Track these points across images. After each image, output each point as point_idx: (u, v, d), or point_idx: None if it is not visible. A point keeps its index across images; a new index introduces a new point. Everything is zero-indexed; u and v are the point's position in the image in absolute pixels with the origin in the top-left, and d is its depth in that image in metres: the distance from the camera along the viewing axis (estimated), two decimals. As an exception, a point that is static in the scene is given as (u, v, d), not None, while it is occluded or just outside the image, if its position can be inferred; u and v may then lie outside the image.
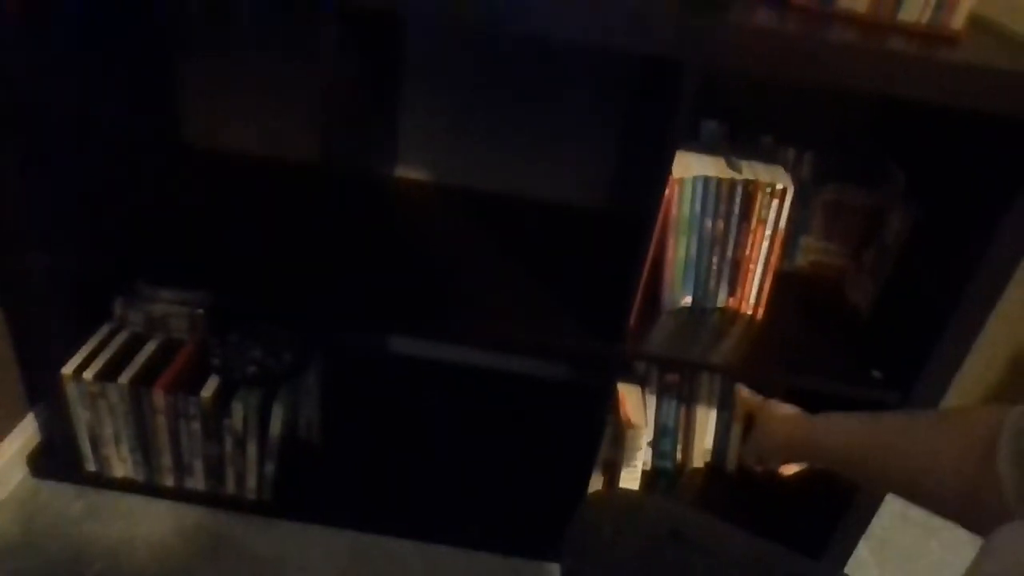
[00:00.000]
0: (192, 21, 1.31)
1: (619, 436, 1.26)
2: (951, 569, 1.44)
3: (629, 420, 1.25)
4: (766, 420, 0.86)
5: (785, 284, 1.24)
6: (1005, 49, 0.96)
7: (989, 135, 0.97)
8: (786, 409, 0.85)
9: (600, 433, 1.20)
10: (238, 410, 1.20)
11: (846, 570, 1.26)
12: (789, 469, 0.87)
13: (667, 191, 0.98)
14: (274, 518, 1.30)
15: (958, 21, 0.90)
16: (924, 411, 0.68)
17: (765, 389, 1.39)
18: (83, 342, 1.24)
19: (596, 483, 1.31)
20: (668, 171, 0.94)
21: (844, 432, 0.73)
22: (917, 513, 0.79)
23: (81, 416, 1.23)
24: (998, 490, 0.51)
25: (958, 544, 1.48)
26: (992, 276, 0.95)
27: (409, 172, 1.45)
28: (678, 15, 0.84)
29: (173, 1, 1.29)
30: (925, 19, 0.91)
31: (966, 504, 0.55)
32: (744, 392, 0.93)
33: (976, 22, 1.00)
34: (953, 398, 1.06)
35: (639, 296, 1.05)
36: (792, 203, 1.11)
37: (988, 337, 1.00)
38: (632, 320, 1.08)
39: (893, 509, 1.48)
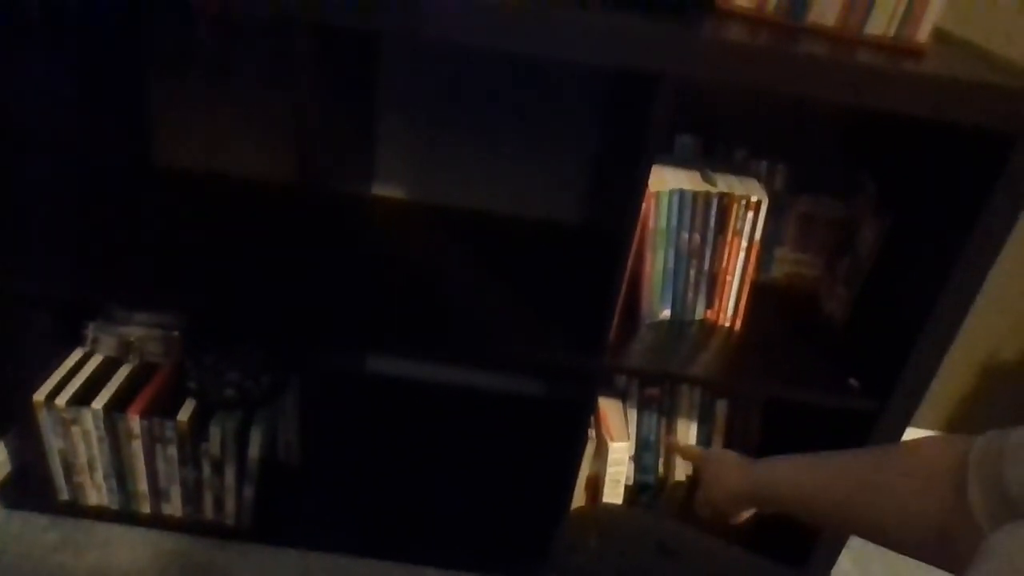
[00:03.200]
0: (165, 42, 1.31)
1: (601, 451, 1.26)
2: (932, 576, 1.45)
3: (610, 434, 1.25)
4: (709, 470, 0.82)
5: (761, 295, 1.25)
6: (967, 61, 0.99)
7: (957, 145, 0.99)
8: (728, 456, 0.81)
9: (581, 448, 1.20)
10: (216, 434, 1.18)
11: (829, 579, 1.27)
12: (741, 519, 0.83)
13: (644, 205, 0.99)
14: (254, 543, 1.28)
15: (923, 34, 0.92)
16: (871, 449, 0.65)
17: (745, 406, 1.40)
18: (55, 367, 1.22)
19: (579, 499, 1.30)
20: (644, 185, 0.95)
21: (791, 477, 0.70)
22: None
23: (53, 443, 1.21)
24: (971, 522, 0.51)
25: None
26: (964, 283, 0.96)
27: (386, 190, 1.44)
28: (652, 29, 0.85)
29: (145, 23, 1.29)
30: (891, 32, 0.93)
31: (936, 541, 0.54)
32: (681, 444, 0.90)
33: (939, 36, 1.03)
34: (928, 404, 1.07)
35: (618, 310, 1.06)
36: (766, 215, 1.12)
37: (961, 343, 1.01)
38: (611, 334, 1.08)
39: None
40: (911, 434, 1.06)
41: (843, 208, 1.26)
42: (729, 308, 1.19)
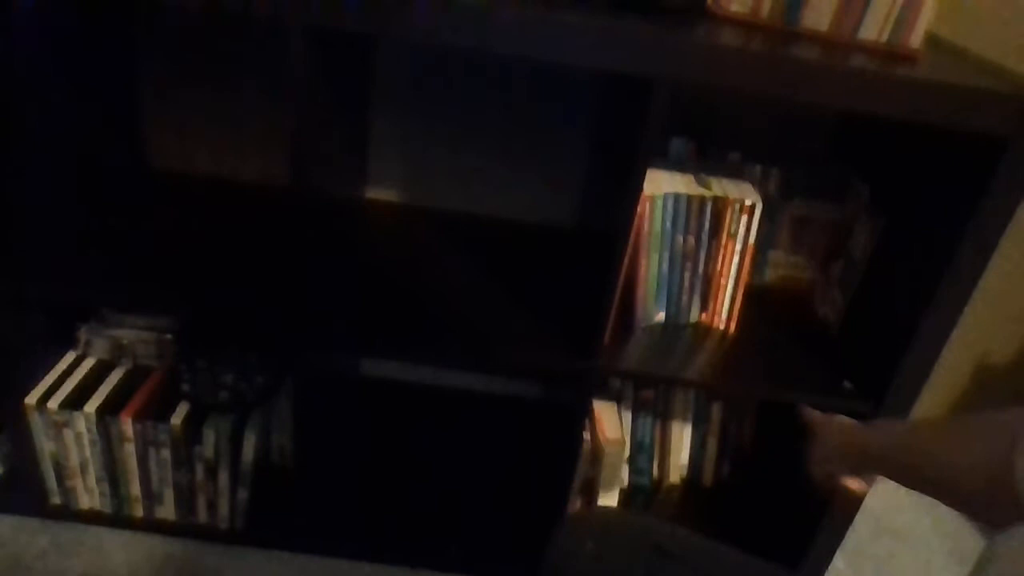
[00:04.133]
0: (159, 44, 1.30)
1: (596, 454, 1.26)
2: (925, 577, 1.46)
3: (606, 437, 1.25)
4: (825, 432, 0.88)
5: (755, 299, 1.26)
6: (959, 67, 0.99)
7: (949, 149, 1.00)
8: (843, 420, 0.88)
9: (577, 451, 1.20)
10: (209, 436, 1.18)
11: (823, 581, 1.27)
12: (853, 483, 0.89)
13: (638, 208, 0.99)
14: (247, 547, 1.28)
15: (916, 40, 0.93)
16: (961, 415, 0.70)
17: (740, 408, 1.41)
18: (47, 370, 1.21)
19: (574, 502, 1.30)
20: (639, 188, 0.95)
21: (889, 439, 0.75)
22: (890, 523, 0.80)
23: (45, 447, 1.20)
24: (1015, 488, 0.52)
25: (931, 553, 1.50)
26: (957, 286, 0.97)
27: (379, 193, 1.44)
28: (647, 33, 0.86)
29: (139, 24, 1.28)
30: (884, 38, 0.93)
31: (991, 504, 0.56)
32: (806, 408, 0.95)
33: (931, 41, 1.03)
34: (921, 406, 1.07)
35: (613, 313, 1.06)
36: (760, 219, 1.13)
37: (953, 344, 1.02)
38: (606, 337, 1.08)
39: (867, 519, 1.50)
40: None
41: (836, 211, 1.26)
42: (723, 311, 1.20)
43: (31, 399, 1.16)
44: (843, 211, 1.25)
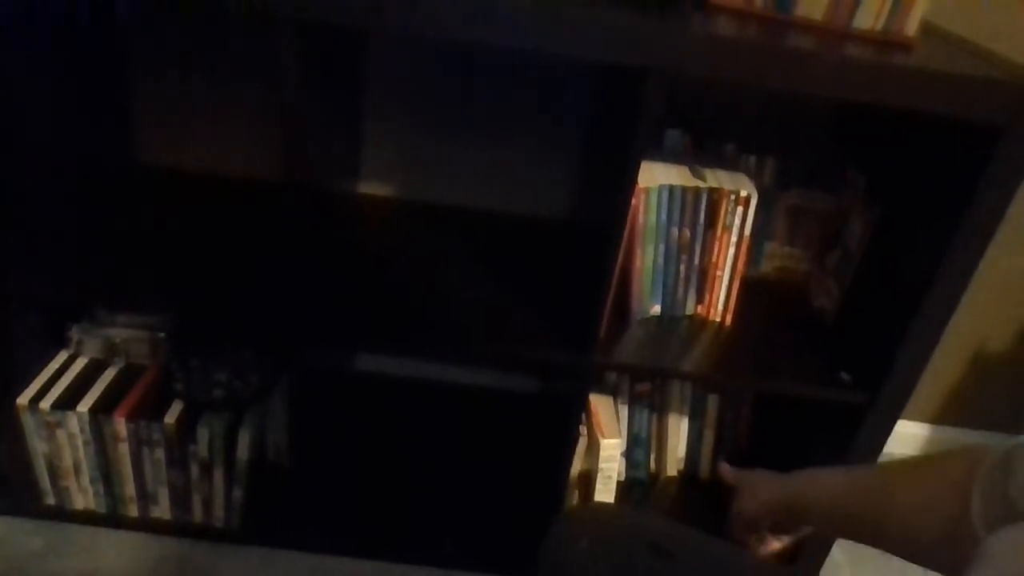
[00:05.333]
0: (149, 37, 1.29)
1: (592, 448, 1.26)
2: (922, 570, 1.46)
3: (602, 431, 1.25)
4: (747, 481, 0.84)
5: (751, 290, 1.25)
6: (955, 55, 0.99)
7: (944, 138, 0.99)
8: (764, 474, 0.83)
9: (573, 445, 1.20)
10: (203, 435, 1.17)
11: (821, 573, 1.27)
12: (776, 543, 0.85)
13: (633, 201, 0.98)
14: (243, 545, 1.27)
15: (911, 28, 0.92)
16: (901, 460, 0.67)
17: (736, 400, 1.40)
18: (39, 370, 1.20)
19: (570, 496, 1.30)
20: (634, 180, 0.94)
21: (823, 490, 0.72)
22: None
23: (38, 447, 1.19)
24: (973, 532, 0.51)
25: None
26: (953, 275, 0.96)
27: (373, 188, 1.43)
28: (641, 24, 0.85)
29: (129, 18, 1.27)
30: (879, 26, 0.92)
31: (947, 552, 0.54)
32: (725, 467, 0.92)
33: (927, 29, 1.03)
34: (917, 397, 1.07)
35: (608, 306, 1.05)
36: (756, 210, 1.12)
37: (949, 335, 1.01)
38: (602, 330, 1.08)
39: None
40: (901, 427, 1.06)
41: (832, 202, 1.26)
42: (719, 303, 1.19)
43: (23, 399, 1.15)
44: (839, 201, 1.25)
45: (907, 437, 1.66)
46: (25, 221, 1.13)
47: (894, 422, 1.10)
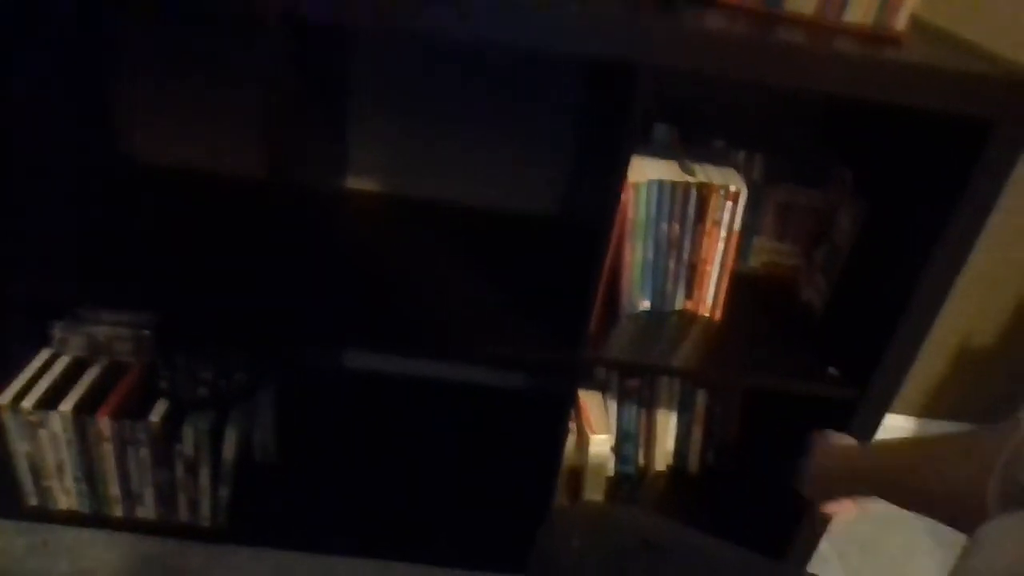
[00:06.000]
0: (133, 34, 1.27)
1: (582, 444, 1.26)
2: (908, 559, 1.47)
3: (591, 427, 1.24)
4: (822, 452, 0.87)
5: (740, 285, 1.25)
6: (945, 49, 0.99)
7: (933, 133, 0.99)
8: (843, 439, 0.88)
9: (563, 442, 1.19)
10: (189, 434, 1.16)
11: (808, 565, 1.27)
12: (848, 509, 0.88)
13: (622, 196, 0.98)
14: (231, 544, 1.26)
15: (901, 22, 0.92)
16: (947, 435, 0.69)
17: (726, 395, 1.40)
18: (20, 370, 1.19)
19: (560, 493, 1.30)
20: (623, 175, 0.94)
21: (877, 458, 0.76)
22: (872, 507, 0.81)
23: (20, 448, 1.18)
24: (987, 511, 0.52)
25: (914, 536, 1.51)
26: (941, 271, 0.96)
27: (359, 183, 1.42)
28: (629, 19, 0.84)
29: (112, 14, 1.25)
30: (869, 20, 0.92)
31: (975, 522, 0.55)
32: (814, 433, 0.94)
33: (916, 24, 1.03)
34: (905, 389, 1.08)
35: (597, 302, 1.05)
36: (744, 205, 1.12)
37: (936, 329, 1.02)
38: (591, 326, 1.07)
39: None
40: (889, 421, 1.07)
41: (820, 197, 1.26)
42: (708, 298, 1.19)
43: (4, 399, 1.14)
44: (827, 197, 1.25)
45: (894, 431, 1.67)
46: (7, 218, 1.11)
47: (882, 416, 1.10)
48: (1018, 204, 1.35)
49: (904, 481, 0.69)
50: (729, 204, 1.11)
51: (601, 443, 1.24)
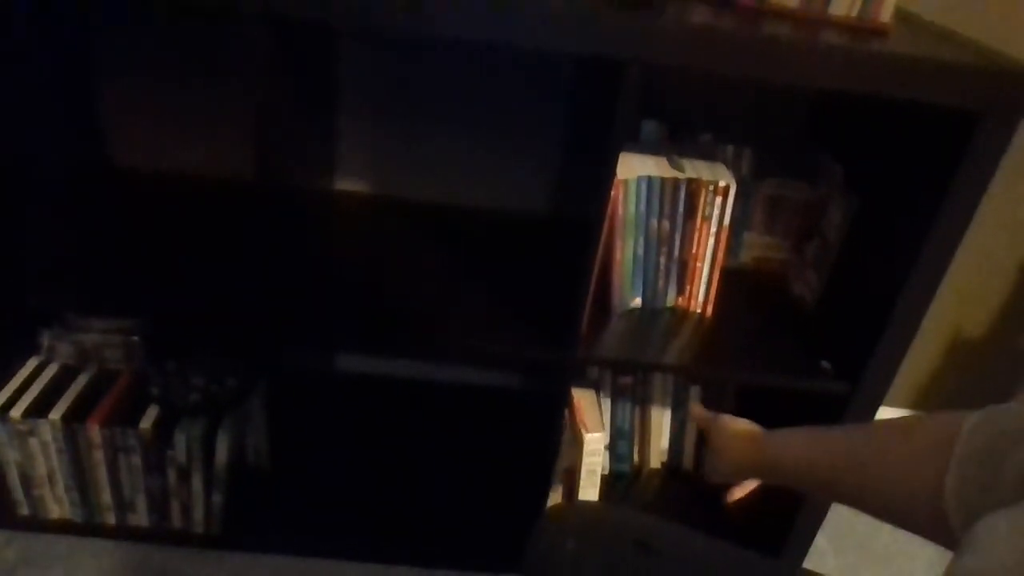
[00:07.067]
0: (119, 35, 1.26)
1: (576, 442, 1.25)
2: (904, 554, 1.47)
3: (585, 425, 1.24)
4: (719, 437, 0.84)
5: (731, 281, 1.25)
6: (930, 41, 0.99)
7: (921, 125, 0.99)
8: (740, 424, 0.84)
9: (557, 441, 1.19)
10: (181, 440, 1.15)
11: (805, 560, 1.27)
12: (745, 488, 0.88)
13: (612, 193, 0.98)
14: (224, 550, 1.25)
15: (886, 14, 0.92)
16: (881, 421, 0.67)
17: (718, 391, 1.40)
18: (8, 378, 1.18)
19: (555, 492, 1.29)
20: (613, 172, 0.94)
21: (800, 448, 0.72)
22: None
23: (10, 457, 1.17)
24: (944, 508, 0.51)
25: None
26: (931, 264, 0.97)
27: (348, 185, 1.41)
28: (616, 16, 0.84)
29: (97, 19, 1.24)
30: (855, 12, 0.92)
31: (929, 518, 0.54)
32: (696, 409, 0.92)
33: (901, 16, 1.03)
34: (896, 382, 1.08)
35: (589, 300, 1.04)
36: (734, 200, 1.12)
37: (928, 321, 1.02)
38: (583, 325, 1.07)
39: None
40: (882, 414, 1.07)
41: (810, 191, 1.26)
42: (700, 294, 1.19)
43: (-7, 408, 1.13)
44: (816, 191, 1.25)
45: (887, 423, 1.67)
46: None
47: (875, 410, 1.10)
48: (1007, 195, 1.35)
49: (846, 476, 0.65)
50: (719, 199, 1.11)
51: (595, 441, 1.24)
